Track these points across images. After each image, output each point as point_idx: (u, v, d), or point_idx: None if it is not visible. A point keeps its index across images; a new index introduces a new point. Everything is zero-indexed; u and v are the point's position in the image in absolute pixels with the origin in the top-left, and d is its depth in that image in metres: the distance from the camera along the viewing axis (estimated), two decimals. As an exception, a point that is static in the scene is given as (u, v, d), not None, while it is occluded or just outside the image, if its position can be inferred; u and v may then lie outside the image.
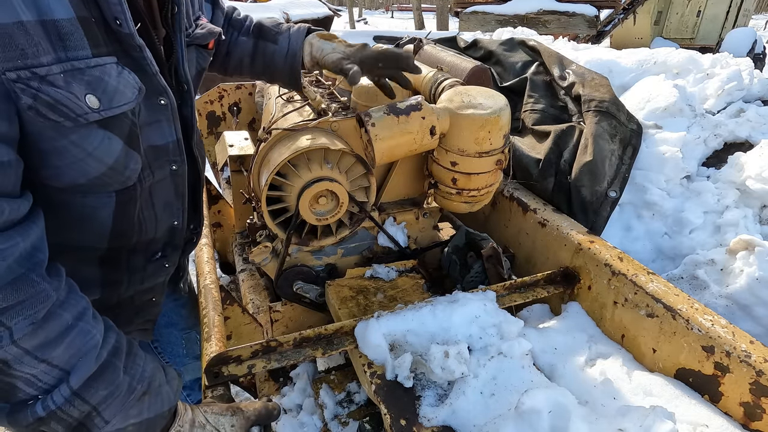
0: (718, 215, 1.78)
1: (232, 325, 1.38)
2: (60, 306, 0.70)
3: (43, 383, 0.69)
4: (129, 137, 0.79)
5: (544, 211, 1.51)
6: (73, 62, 0.67)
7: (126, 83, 0.74)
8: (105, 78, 0.71)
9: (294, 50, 1.21)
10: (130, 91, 0.75)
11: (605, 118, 1.65)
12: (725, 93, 2.12)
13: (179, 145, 0.92)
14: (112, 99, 0.73)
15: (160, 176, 0.91)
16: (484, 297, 1.17)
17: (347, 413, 1.25)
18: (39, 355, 0.67)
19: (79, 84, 0.68)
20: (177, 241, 1.05)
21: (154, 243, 0.99)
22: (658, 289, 1.12)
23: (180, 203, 1.00)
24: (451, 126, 1.23)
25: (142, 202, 0.89)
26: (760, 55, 8.85)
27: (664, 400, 0.99)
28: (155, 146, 0.87)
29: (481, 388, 0.97)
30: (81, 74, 0.68)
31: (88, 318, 0.74)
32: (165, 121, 0.87)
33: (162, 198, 0.94)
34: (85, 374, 0.71)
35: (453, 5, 10.22)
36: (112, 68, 0.72)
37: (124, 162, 0.80)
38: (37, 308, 0.67)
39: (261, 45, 1.23)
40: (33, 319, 0.66)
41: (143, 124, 0.82)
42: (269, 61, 1.24)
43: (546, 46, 2.09)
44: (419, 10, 18.68)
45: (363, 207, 1.34)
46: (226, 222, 2.44)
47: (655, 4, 10.46)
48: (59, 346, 0.69)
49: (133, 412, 0.77)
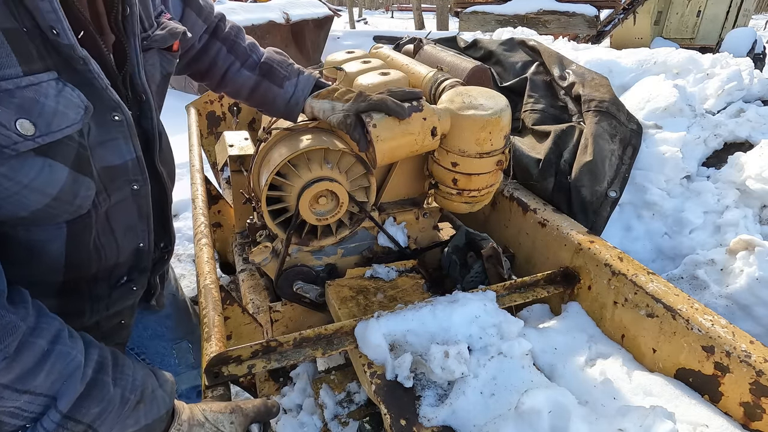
0: (718, 215, 1.78)
1: (232, 325, 1.38)
2: (31, 334, 0.65)
3: (29, 413, 0.66)
4: (76, 162, 0.70)
5: (544, 211, 1.51)
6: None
7: (68, 103, 0.65)
8: (40, 99, 0.62)
9: (297, 99, 1.16)
10: (73, 112, 0.66)
11: (605, 118, 1.65)
12: (725, 93, 2.12)
13: (140, 162, 0.84)
14: (50, 123, 0.64)
15: (119, 198, 0.83)
16: (484, 297, 1.17)
17: (347, 413, 1.25)
18: (19, 387, 0.63)
19: (6, 108, 0.59)
20: (144, 264, 0.99)
21: (118, 268, 0.92)
22: (658, 289, 1.12)
23: (145, 224, 0.92)
24: (452, 127, 1.23)
25: (98, 228, 0.82)
26: (760, 55, 8.85)
27: (664, 400, 0.99)
28: (111, 167, 0.78)
29: (481, 388, 0.97)
30: (9, 96, 0.59)
31: (64, 340, 0.69)
32: (121, 138, 0.78)
33: (122, 222, 0.86)
34: (73, 396, 0.68)
35: (453, 5, 10.22)
36: (50, 86, 0.63)
37: (73, 190, 0.71)
38: (6, 342, 0.62)
39: (265, 84, 1.17)
40: (5, 353, 0.61)
41: (94, 144, 0.74)
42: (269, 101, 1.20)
43: (546, 46, 2.09)
44: (419, 10, 18.68)
45: (363, 207, 1.34)
46: (226, 222, 2.44)
47: (655, 4, 10.46)
48: (39, 374, 0.65)
49: (130, 422, 0.75)
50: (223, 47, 1.19)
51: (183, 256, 3.51)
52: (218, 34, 1.20)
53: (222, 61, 1.18)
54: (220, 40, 1.18)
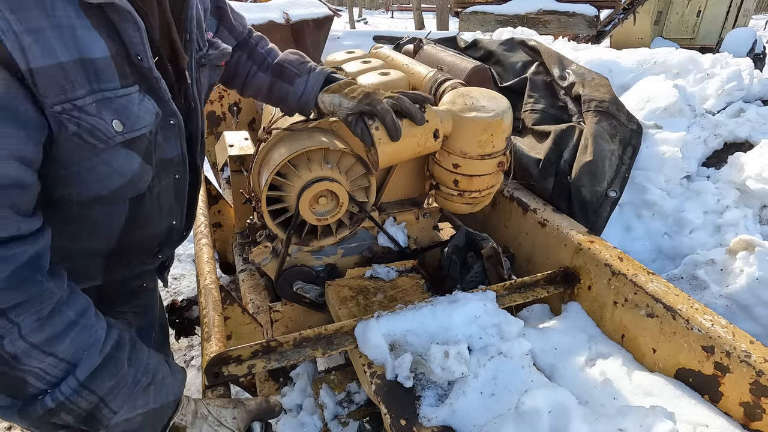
0: (718, 215, 1.78)
1: (232, 325, 1.38)
2: (64, 304, 0.76)
3: (51, 376, 0.73)
4: (146, 154, 0.90)
5: (544, 211, 1.51)
6: (104, 93, 0.77)
7: (146, 109, 0.85)
8: (129, 105, 0.81)
9: (308, 96, 1.25)
10: (149, 116, 0.86)
11: (605, 118, 1.65)
12: (725, 93, 2.12)
13: (183, 157, 1.03)
14: (134, 123, 0.83)
15: (166, 184, 1.02)
16: (484, 297, 1.17)
17: (347, 413, 1.25)
18: (46, 349, 0.72)
19: (108, 111, 0.78)
20: (173, 239, 1.15)
21: (154, 239, 1.09)
22: (658, 289, 1.12)
23: (179, 206, 1.10)
24: (453, 128, 1.23)
25: (150, 206, 0.99)
26: (760, 55, 8.85)
27: (664, 400, 0.99)
28: (164, 159, 0.97)
29: (481, 388, 0.97)
30: (110, 103, 0.78)
31: (90, 315, 0.79)
32: (173, 138, 0.97)
33: (165, 202, 1.04)
34: (91, 366, 0.76)
35: (453, 5, 10.22)
36: (135, 96, 0.83)
37: (140, 175, 0.90)
38: (42, 305, 0.72)
39: (278, 84, 1.29)
40: (39, 315, 0.72)
41: (159, 141, 0.93)
42: (283, 99, 1.30)
43: (546, 46, 2.09)
44: (419, 10, 18.67)
45: (363, 207, 1.34)
46: (226, 222, 2.44)
47: (655, 4, 10.46)
48: (64, 340, 0.74)
49: (140, 402, 0.81)
50: (243, 55, 1.31)
51: (183, 256, 3.51)
52: (242, 45, 1.31)
53: (242, 67, 1.32)
54: (242, 49, 1.31)
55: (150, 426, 0.83)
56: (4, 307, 0.69)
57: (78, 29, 0.72)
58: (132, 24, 0.78)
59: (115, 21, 0.77)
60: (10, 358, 0.69)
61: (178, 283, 3.21)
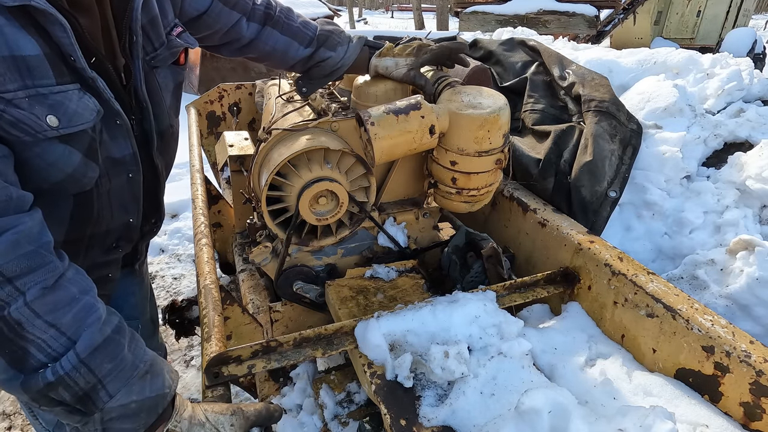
0: (718, 215, 1.78)
1: (232, 325, 1.38)
2: (67, 280, 0.80)
3: (52, 350, 0.76)
4: (89, 151, 0.92)
5: (544, 211, 1.51)
6: (38, 89, 0.80)
7: (85, 106, 0.88)
8: (66, 102, 0.84)
9: (345, 61, 1.34)
10: (89, 113, 0.89)
11: (605, 118, 1.65)
12: (725, 93, 2.11)
13: (135, 156, 1.05)
14: (71, 119, 0.86)
15: (117, 182, 1.04)
16: (484, 297, 1.17)
17: (347, 413, 1.25)
18: (49, 319, 0.75)
19: (42, 107, 0.81)
20: (132, 235, 1.18)
21: (109, 235, 1.11)
22: (658, 289, 1.12)
23: (135, 204, 1.13)
24: (450, 125, 1.23)
25: (98, 203, 1.02)
26: (760, 55, 8.85)
27: (664, 400, 0.99)
28: (113, 158, 1.00)
29: (481, 388, 0.97)
30: (44, 99, 0.81)
31: (93, 295, 0.83)
32: (121, 137, 1.00)
33: (118, 200, 1.07)
34: (91, 344, 0.78)
35: (453, 5, 10.22)
36: (74, 94, 0.86)
37: (83, 171, 0.93)
38: (47, 276, 0.76)
39: (320, 52, 1.34)
40: (44, 284, 0.76)
41: (104, 139, 0.96)
42: (318, 65, 1.35)
43: (546, 46, 2.09)
44: (419, 10, 18.67)
45: (363, 207, 1.34)
46: (226, 222, 2.44)
47: (655, 4, 10.45)
48: (67, 314, 0.77)
49: (136, 389, 0.82)
50: (275, 31, 1.32)
51: (183, 256, 3.51)
52: (269, 21, 1.32)
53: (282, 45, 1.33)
54: (273, 26, 1.32)
55: (144, 414, 0.83)
56: (11, 275, 0.72)
57: (5, 27, 0.75)
58: (58, 25, 0.80)
59: (41, 22, 0.79)
60: (15, 324, 0.72)
61: (178, 283, 3.22)
